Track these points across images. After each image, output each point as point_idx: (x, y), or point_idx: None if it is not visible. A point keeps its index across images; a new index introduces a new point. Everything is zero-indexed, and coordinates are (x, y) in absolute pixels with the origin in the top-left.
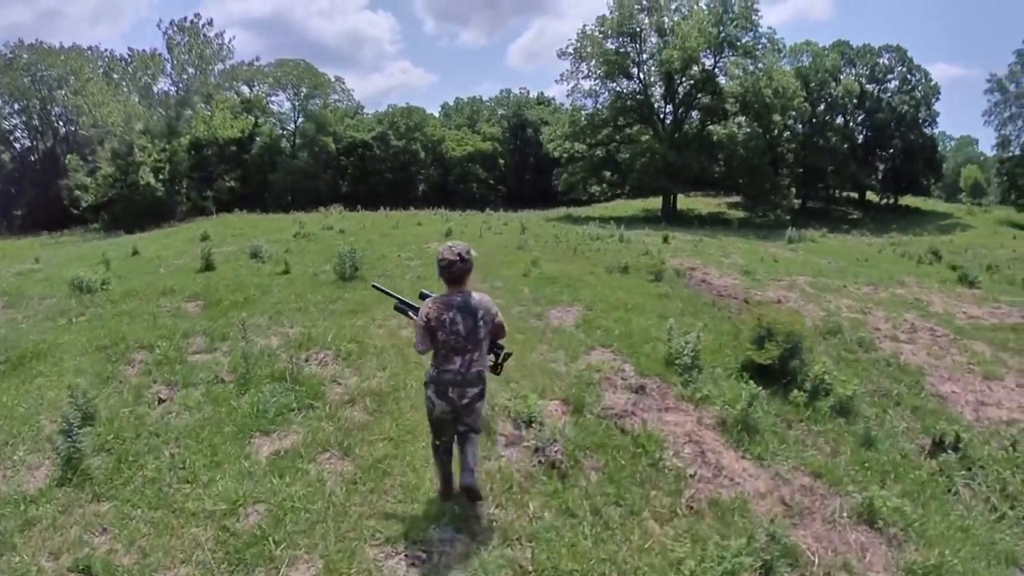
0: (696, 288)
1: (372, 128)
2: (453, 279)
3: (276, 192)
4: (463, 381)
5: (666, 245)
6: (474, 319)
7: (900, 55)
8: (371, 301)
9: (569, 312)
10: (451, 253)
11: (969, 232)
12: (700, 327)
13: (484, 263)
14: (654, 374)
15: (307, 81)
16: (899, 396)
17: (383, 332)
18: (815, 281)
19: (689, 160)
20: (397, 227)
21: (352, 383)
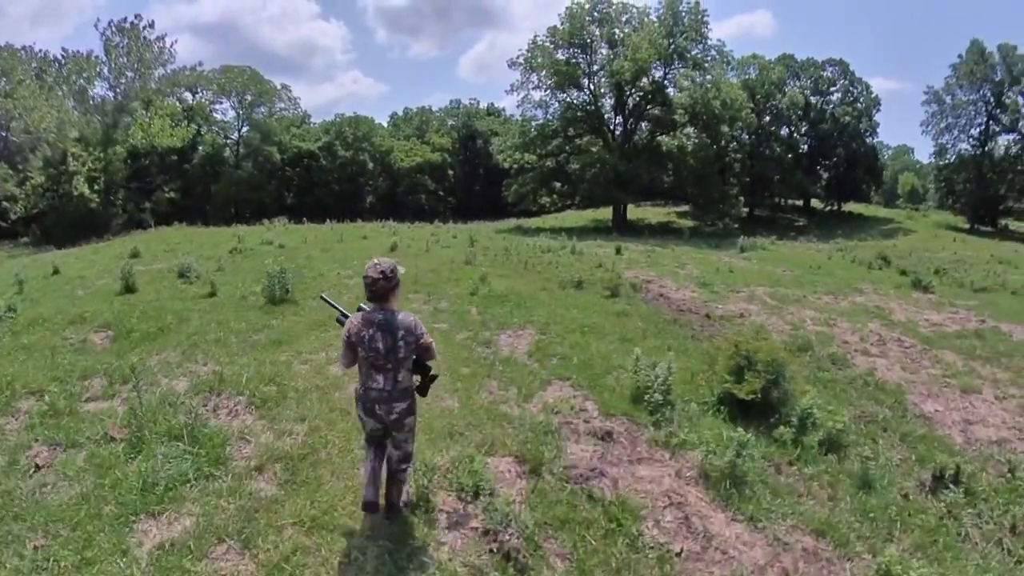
0: (654, 303)
1: (319, 138)
2: (375, 296)
3: (219, 204)
4: (389, 397)
5: (619, 257)
6: (394, 338)
7: (843, 68)
8: (299, 330)
9: (521, 336)
10: (375, 271)
11: (911, 236)
12: (671, 357)
13: (429, 281)
14: (621, 413)
15: (252, 88)
16: (885, 421)
17: (307, 370)
18: (774, 291)
19: (639, 170)
20: (341, 241)
21: (263, 441)
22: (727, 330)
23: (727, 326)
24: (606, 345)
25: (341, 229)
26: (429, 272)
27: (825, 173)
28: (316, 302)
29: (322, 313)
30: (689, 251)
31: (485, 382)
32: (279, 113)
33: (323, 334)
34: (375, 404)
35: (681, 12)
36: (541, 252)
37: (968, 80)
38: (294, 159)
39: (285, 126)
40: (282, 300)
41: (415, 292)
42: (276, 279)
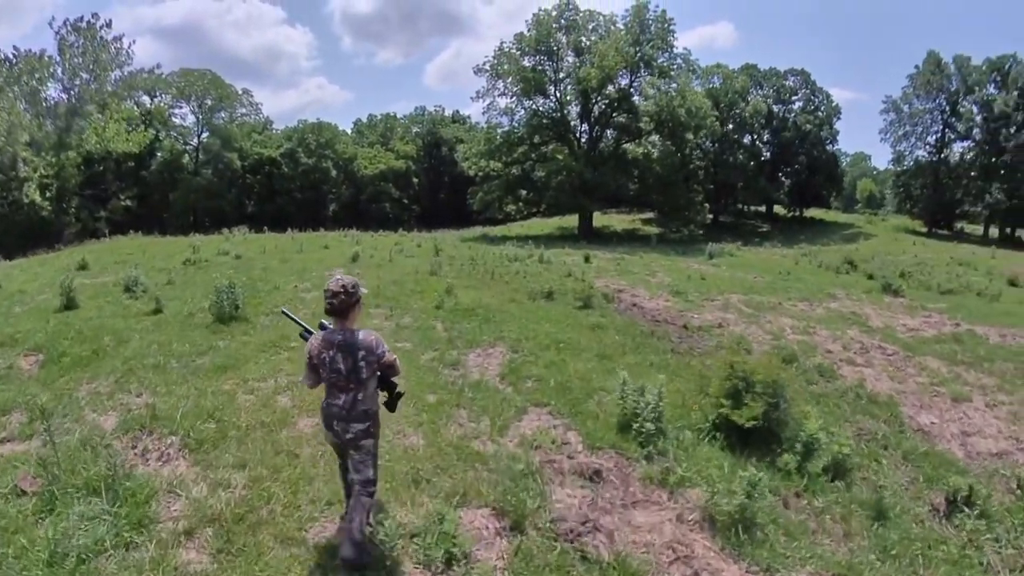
0: (629, 314)
1: (280, 145)
2: (334, 311)
3: (177, 212)
4: (348, 416)
5: (588, 265)
6: (354, 359)
7: (804, 78)
8: (248, 352)
9: (491, 356)
10: (336, 285)
11: (872, 240)
12: (661, 381)
13: (392, 293)
14: (608, 445)
15: (212, 93)
16: (885, 438)
17: (252, 401)
18: (748, 299)
19: (606, 177)
20: (301, 251)
21: (196, 496)
22: (707, 342)
23: (706, 337)
24: (584, 363)
25: (302, 238)
26: (392, 284)
27: (787, 180)
28: (268, 319)
29: (274, 332)
30: (658, 258)
31: (454, 412)
32: (240, 119)
33: (273, 356)
34: (333, 420)
35: (648, 20)
36: (508, 261)
37: (924, 90)
38: (255, 166)
39: (246, 132)
40: (232, 318)
41: (376, 307)
42: (225, 295)
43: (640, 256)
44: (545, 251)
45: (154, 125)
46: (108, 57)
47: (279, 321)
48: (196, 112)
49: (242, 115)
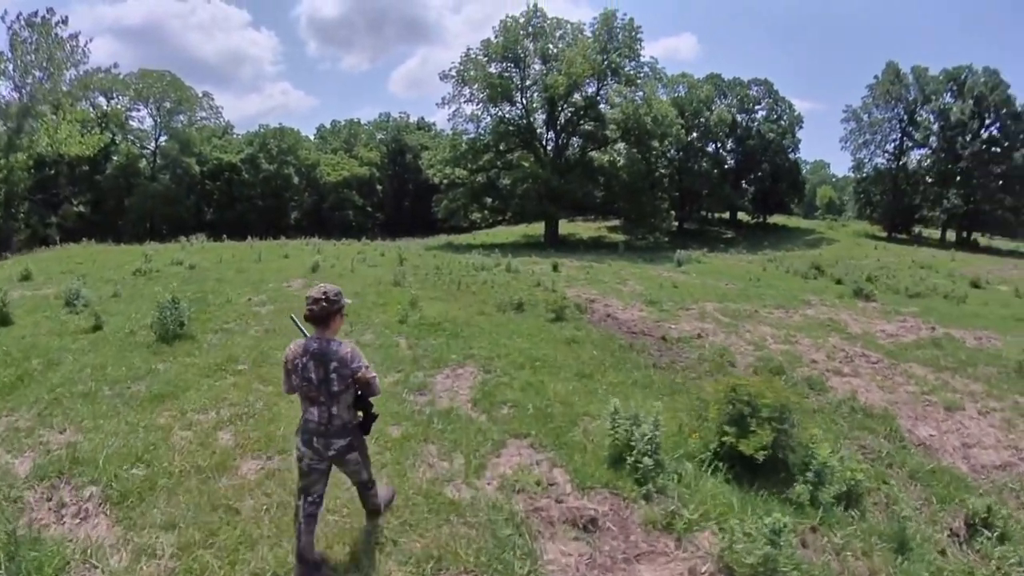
0: (604, 326)
1: (241, 150)
2: (314, 318)
3: (133, 219)
4: (326, 432)
5: (557, 274)
6: (326, 369)
7: (767, 88)
8: (191, 376)
9: (461, 377)
10: (318, 292)
11: (835, 245)
12: (657, 409)
13: (353, 307)
14: (600, 484)
15: (172, 95)
16: (889, 456)
17: (190, 439)
18: (724, 307)
19: (572, 185)
20: (260, 260)
21: (114, 569)
22: (688, 354)
23: (686, 349)
24: (563, 384)
25: (261, 247)
26: (353, 296)
27: (751, 187)
28: (217, 338)
29: (221, 352)
30: (627, 266)
31: (422, 448)
32: (200, 122)
33: (218, 382)
34: (312, 436)
35: (616, 28)
36: (475, 270)
37: (884, 99)
38: (214, 172)
39: (206, 136)
40: (176, 336)
41: None
42: (168, 312)
43: (608, 264)
44: (512, 260)
45: (110, 128)
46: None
47: (227, 339)
48: (154, 115)
49: (202, 119)
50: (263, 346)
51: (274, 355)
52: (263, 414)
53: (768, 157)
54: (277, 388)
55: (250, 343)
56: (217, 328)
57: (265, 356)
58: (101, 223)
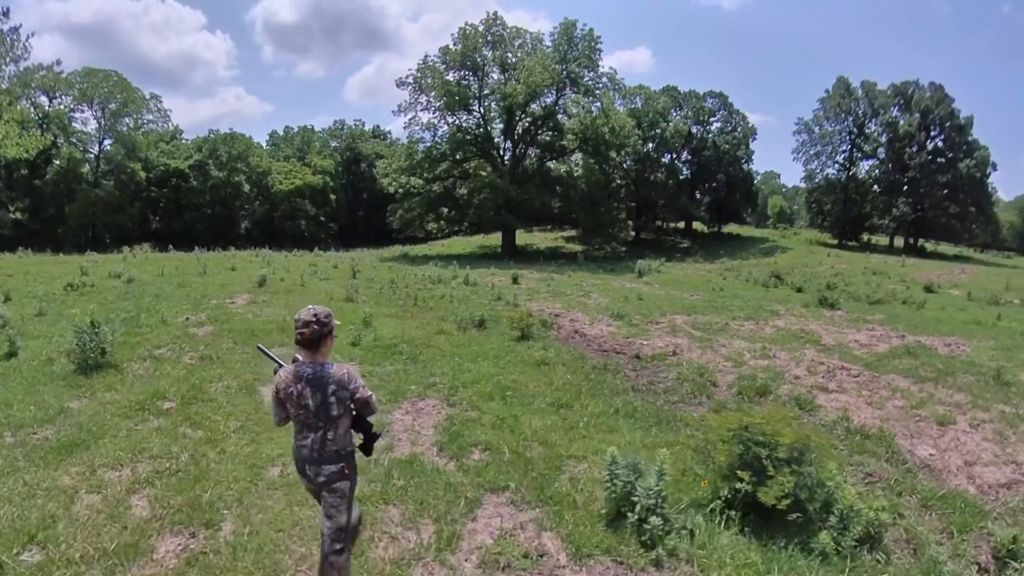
0: (573, 344)
1: (190, 155)
2: (305, 342)
3: (73, 227)
4: (318, 458)
5: (517, 286)
6: (324, 394)
7: (722, 100)
8: (108, 418)
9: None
10: (308, 314)
11: (788, 253)
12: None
13: None
14: (600, 551)
15: (118, 96)
16: (898, 483)
17: (97, 509)
18: (693, 320)
19: (530, 195)
20: (205, 273)
21: None
22: (666, 373)
23: (663, 368)
24: (539, 418)
25: (208, 259)
26: None
27: (706, 197)
28: (144, 367)
29: (146, 385)
30: (587, 277)
31: (382, 513)
32: (147, 126)
33: (139, 425)
34: (304, 464)
35: (576, 38)
36: (431, 283)
37: (834, 112)
38: (161, 178)
39: (153, 141)
40: (97, 366)
41: (281, 344)
42: (87, 338)
43: (569, 275)
44: (470, 271)
45: (52, 129)
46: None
47: (156, 369)
48: (99, 117)
49: (148, 122)
50: (195, 378)
51: (207, 389)
52: (188, 470)
53: (723, 168)
54: (208, 433)
55: (181, 374)
56: (146, 355)
57: (196, 391)
58: (40, 231)
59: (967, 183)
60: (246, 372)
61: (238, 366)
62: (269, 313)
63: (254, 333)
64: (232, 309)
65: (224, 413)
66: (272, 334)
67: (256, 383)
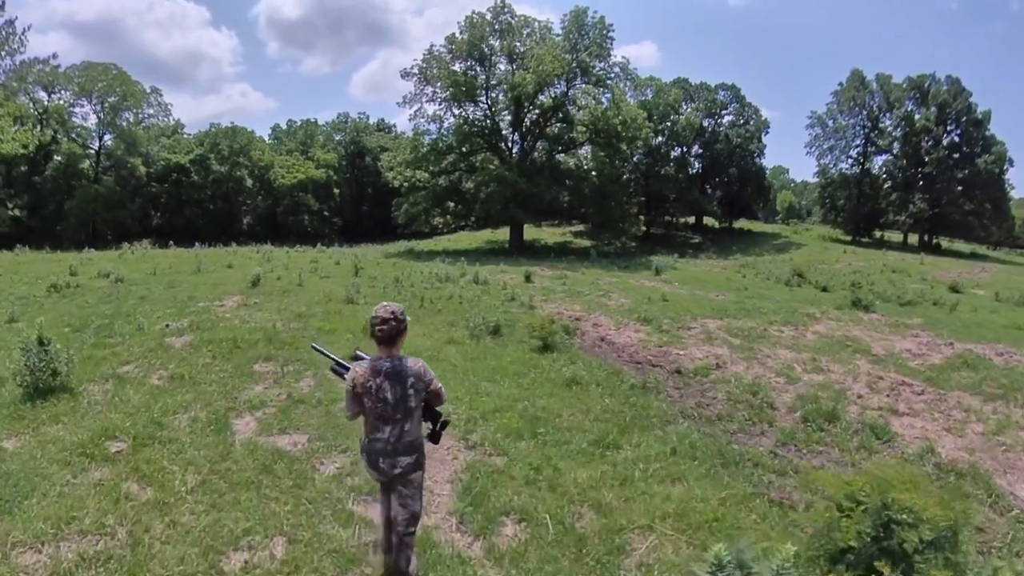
0: (600, 355)
1: (191, 150)
2: (384, 339)
3: (73, 224)
4: (394, 451)
5: (531, 285)
6: (403, 387)
7: (734, 92)
8: (43, 466)
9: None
10: (385, 311)
11: (803, 250)
12: (789, 555)
13: (290, 335)
14: None
15: (118, 90)
16: (1014, 540)
17: None
18: (727, 325)
19: (540, 188)
20: (199, 271)
21: None
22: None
23: (708, 386)
24: (583, 465)
25: (205, 255)
26: (295, 319)
27: (718, 192)
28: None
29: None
30: (602, 274)
31: None
32: (148, 120)
33: (80, 475)
34: (379, 457)
35: (587, 25)
36: (439, 281)
37: (848, 106)
38: (162, 173)
39: (154, 135)
40: (50, 390)
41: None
42: (34, 359)
43: (583, 272)
44: (479, 269)
45: (51, 125)
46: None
47: (115, 393)
48: (99, 111)
49: (149, 116)
50: (158, 407)
51: (169, 424)
52: (123, 557)
53: (735, 162)
54: (158, 494)
55: (142, 400)
56: (109, 374)
57: (155, 427)
58: (40, 228)
59: (984, 179)
60: (220, 398)
61: (212, 389)
62: (259, 318)
63: (237, 344)
64: (219, 313)
65: (183, 461)
66: (258, 345)
67: (230, 414)
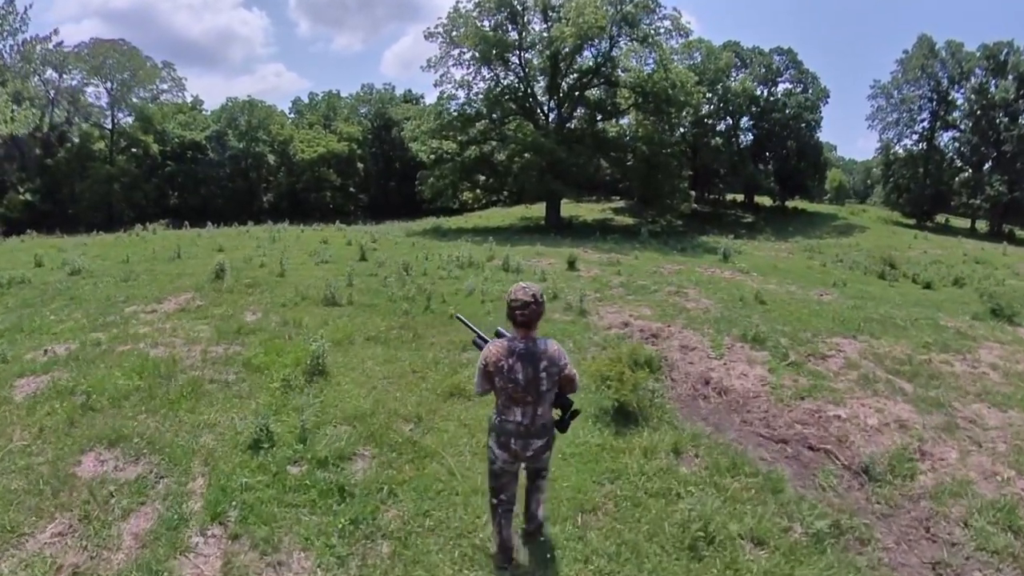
0: (714, 420)
1: (207, 126)
2: (524, 322)
3: (86, 206)
4: (527, 432)
5: (575, 274)
6: (535, 369)
7: (791, 58)
8: None
9: None
10: (525, 294)
11: (867, 233)
12: None
13: (187, 386)
14: None
15: (127, 66)
16: None
17: None
18: (872, 350)
19: (581, 159)
20: (179, 257)
21: None
22: (946, 525)
23: (926, 508)
24: None
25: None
26: (229, 339)
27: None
28: None
29: None
30: (659, 260)
31: None
32: (163, 96)
33: None
34: (511, 438)
35: None
36: (459, 268)
37: (914, 75)
38: (178, 151)
39: (169, 113)
40: None
41: (114, 442)
42: None
43: (636, 256)
44: (511, 251)
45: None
46: None
47: None
48: (113, 90)
49: (163, 92)
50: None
51: None
52: None
53: (792, 134)
54: None
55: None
56: None
57: None
58: (54, 212)
59: None
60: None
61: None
62: (180, 338)
63: (95, 401)
64: (133, 329)
65: None
66: (126, 404)
67: None
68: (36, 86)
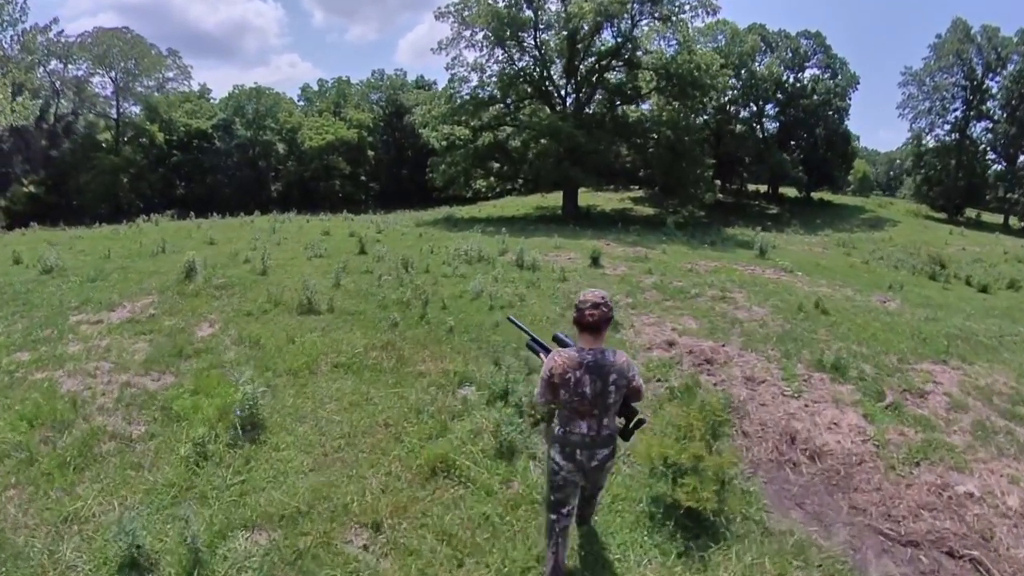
0: (812, 504)
1: (214, 115)
2: (592, 328)
3: (92, 198)
4: (593, 443)
5: (600, 271)
6: (604, 382)
7: (819, 42)
8: None
9: None
10: (595, 296)
11: (899, 228)
12: None
13: (93, 430)
14: None
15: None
16: None
17: None
18: (974, 383)
19: (601, 144)
20: (163, 252)
21: None
22: None
23: None
24: None
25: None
26: (166, 363)
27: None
28: None
29: None
30: (691, 255)
31: None
32: (169, 84)
33: None
34: (576, 449)
35: None
36: (466, 263)
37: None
38: (184, 141)
39: (175, 102)
40: None
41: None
42: None
43: (664, 251)
44: (525, 243)
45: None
46: None
47: None
48: (118, 80)
49: (169, 80)
50: None
51: None
52: None
53: (820, 122)
54: None
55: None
56: None
57: None
58: (60, 204)
59: None
60: None
61: None
62: (110, 361)
63: None
64: (63, 348)
65: None
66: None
67: None
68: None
